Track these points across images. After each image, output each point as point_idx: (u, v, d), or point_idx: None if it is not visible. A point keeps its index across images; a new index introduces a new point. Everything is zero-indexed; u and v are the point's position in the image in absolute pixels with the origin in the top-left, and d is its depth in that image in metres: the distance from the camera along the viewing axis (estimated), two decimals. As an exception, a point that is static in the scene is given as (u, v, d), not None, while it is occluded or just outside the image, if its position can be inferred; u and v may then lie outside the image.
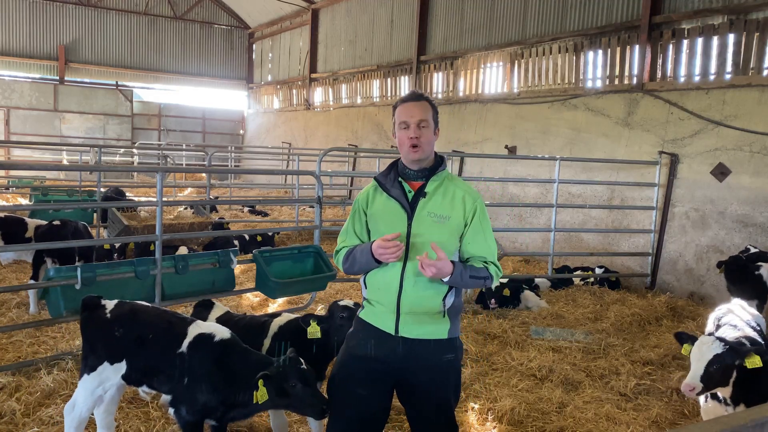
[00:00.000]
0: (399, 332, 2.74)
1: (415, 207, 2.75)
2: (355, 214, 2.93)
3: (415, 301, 2.71)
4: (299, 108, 22.30)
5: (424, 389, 2.78)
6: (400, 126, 2.80)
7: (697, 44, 9.03)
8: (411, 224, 2.73)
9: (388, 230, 2.73)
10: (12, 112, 22.48)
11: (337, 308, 3.75)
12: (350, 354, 2.87)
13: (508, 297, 7.44)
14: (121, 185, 13.59)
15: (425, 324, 2.73)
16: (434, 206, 2.74)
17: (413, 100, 2.80)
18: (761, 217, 7.96)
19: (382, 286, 2.77)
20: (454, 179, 2.86)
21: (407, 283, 2.71)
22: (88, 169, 13.78)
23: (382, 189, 2.84)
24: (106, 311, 3.47)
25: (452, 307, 2.79)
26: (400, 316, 2.73)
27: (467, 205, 2.76)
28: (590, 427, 4.40)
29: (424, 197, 2.76)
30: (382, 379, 2.79)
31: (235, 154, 23.37)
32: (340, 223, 13.15)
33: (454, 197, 2.77)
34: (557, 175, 8.66)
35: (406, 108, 2.78)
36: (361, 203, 2.91)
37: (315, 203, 6.86)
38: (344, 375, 2.85)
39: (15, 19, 22.70)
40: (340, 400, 2.86)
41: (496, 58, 13.03)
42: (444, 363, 2.78)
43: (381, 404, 2.84)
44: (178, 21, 25.58)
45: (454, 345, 2.82)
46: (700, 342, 3.55)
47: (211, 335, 3.32)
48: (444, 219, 2.73)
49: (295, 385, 3.00)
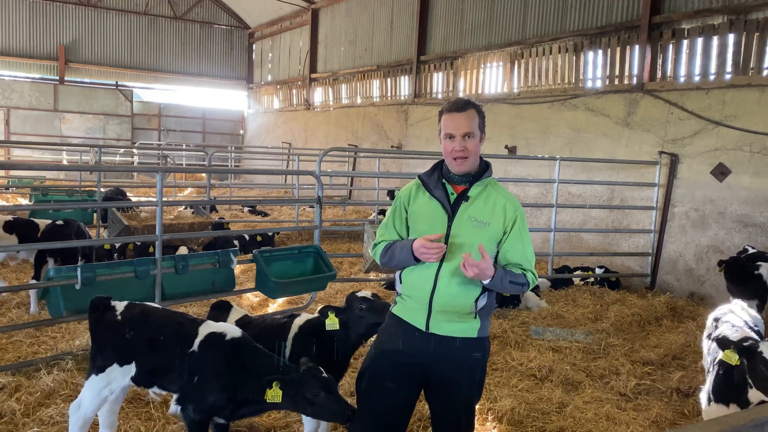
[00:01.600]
0: (430, 329, 2.78)
1: (456, 210, 2.78)
2: (396, 210, 2.96)
3: (447, 301, 2.75)
4: (299, 108, 22.30)
5: (451, 385, 2.82)
6: (444, 135, 2.77)
7: (697, 44, 9.03)
8: (451, 226, 2.76)
9: (428, 230, 2.77)
10: (12, 112, 22.49)
11: (356, 299, 3.66)
12: (381, 348, 2.92)
13: (508, 297, 7.44)
14: (121, 185, 13.58)
15: (456, 322, 2.78)
16: (475, 211, 2.77)
17: (460, 110, 2.75)
18: (761, 217, 7.96)
19: (416, 283, 2.81)
20: (497, 186, 2.87)
21: (441, 283, 2.75)
22: (88, 169, 13.78)
23: (426, 188, 2.87)
24: (117, 313, 3.46)
25: (484, 308, 2.82)
26: (432, 313, 2.78)
27: (508, 213, 2.79)
28: (590, 427, 4.40)
29: (466, 201, 2.78)
30: (411, 374, 2.83)
31: (235, 154, 23.38)
32: (340, 223, 13.16)
33: (496, 204, 2.79)
34: (557, 175, 8.66)
35: (452, 119, 2.74)
36: (403, 200, 2.94)
37: (315, 203, 6.86)
38: (375, 368, 2.90)
39: (15, 19, 22.70)
40: (370, 392, 2.90)
41: (496, 58, 13.03)
42: (472, 360, 2.82)
43: (408, 399, 2.89)
44: (178, 21, 25.59)
45: (482, 344, 2.87)
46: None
47: (223, 334, 3.33)
48: (484, 224, 2.75)
49: (318, 394, 3.00)
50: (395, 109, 16.24)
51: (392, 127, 16.27)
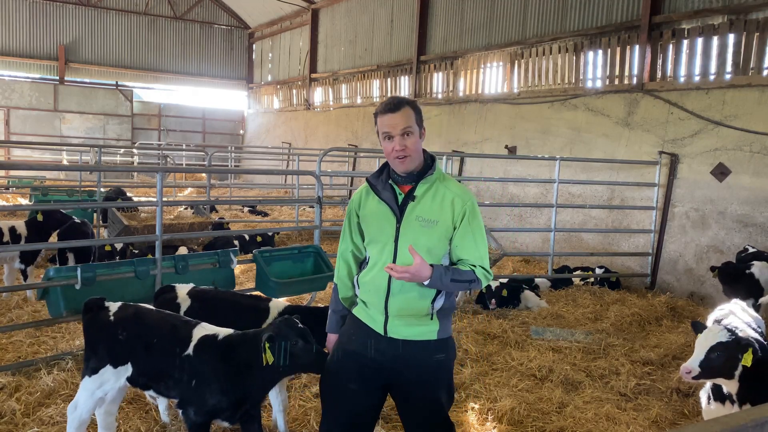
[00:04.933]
0: (387, 333, 2.75)
1: (404, 211, 2.72)
2: (349, 217, 2.94)
3: (402, 304, 2.71)
4: (299, 108, 22.30)
5: (414, 389, 2.78)
6: (382, 136, 2.73)
7: (697, 44, 9.03)
8: (399, 228, 2.72)
9: (377, 233, 2.76)
10: (12, 112, 22.47)
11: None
12: (343, 349, 2.89)
13: (508, 297, 7.44)
14: (121, 185, 13.58)
15: (413, 326, 2.73)
16: (423, 210, 2.71)
17: (394, 110, 2.68)
18: (761, 217, 7.96)
19: (371, 287, 2.78)
20: (446, 181, 2.80)
21: (395, 286, 2.71)
22: (88, 169, 13.77)
23: (374, 191, 2.83)
24: (110, 314, 3.46)
25: (442, 309, 2.76)
26: (388, 318, 2.74)
27: (456, 208, 2.71)
28: (590, 427, 4.40)
29: (413, 201, 2.73)
30: (373, 377, 2.80)
31: (235, 154, 23.36)
32: (339, 223, 13.15)
33: (444, 200, 2.72)
34: (557, 175, 8.66)
35: (388, 119, 2.69)
36: (354, 205, 2.92)
37: (315, 203, 6.85)
38: (336, 369, 2.87)
39: (15, 19, 22.69)
40: (332, 394, 2.88)
41: (496, 58, 13.03)
42: (433, 363, 2.77)
43: (371, 401, 2.86)
44: (178, 21, 25.58)
45: (445, 345, 2.81)
46: (708, 329, 3.57)
47: (215, 335, 3.34)
48: (432, 223, 2.69)
49: (297, 343, 3.05)
50: (395, 109, 16.21)
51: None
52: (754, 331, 4.02)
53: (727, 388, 3.54)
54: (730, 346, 3.39)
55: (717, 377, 3.48)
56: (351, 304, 2.97)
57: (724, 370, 3.42)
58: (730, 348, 3.39)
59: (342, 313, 3.01)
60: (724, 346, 3.40)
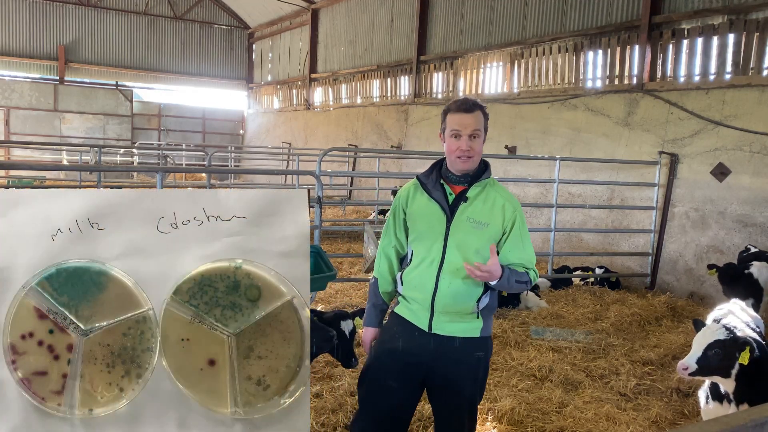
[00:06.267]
0: (432, 329, 2.79)
1: (455, 211, 2.76)
2: (394, 212, 2.96)
3: (449, 301, 2.75)
4: (299, 108, 22.30)
5: (453, 384, 2.82)
6: (450, 133, 2.74)
7: (697, 44, 9.03)
8: (449, 227, 2.75)
9: (426, 231, 2.79)
10: (12, 112, 22.48)
11: None
12: (383, 347, 2.92)
13: (508, 297, 7.44)
14: (121, 185, 13.59)
15: (458, 322, 2.79)
16: (474, 212, 2.76)
17: (468, 110, 2.72)
18: (761, 217, 7.96)
19: (417, 284, 2.81)
20: (496, 186, 2.86)
21: (443, 284, 2.75)
22: (88, 169, 13.77)
23: (424, 189, 2.86)
24: None
25: (486, 307, 2.83)
26: (434, 314, 2.78)
27: (507, 214, 2.78)
28: (590, 427, 4.40)
29: (465, 202, 2.77)
30: (413, 374, 2.83)
31: (235, 154, 23.36)
32: (340, 223, 13.15)
33: (495, 204, 2.78)
34: (557, 175, 8.66)
35: (461, 118, 2.72)
36: (401, 201, 2.93)
37: (315, 203, 6.86)
38: (377, 367, 2.90)
39: (15, 19, 22.70)
40: (371, 392, 2.90)
41: (496, 58, 13.03)
42: (474, 360, 2.83)
43: (410, 399, 2.90)
44: (177, 21, 25.58)
45: (485, 343, 2.88)
46: (706, 327, 3.58)
47: None
48: (482, 225, 2.74)
49: None
50: (395, 109, 16.24)
51: (392, 127, 16.27)
52: (753, 330, 4.02)
53: (724, 387, 3.54)
54: (728, 344, 3.40)
55: (714, 375, 3.49)
56: (390, 299, 3.04)
57: (721, 367, 3.43)
58: (727, 346, 3.40)
59: (382, 307, 3.04)
60: (721, 344, 3.40)
